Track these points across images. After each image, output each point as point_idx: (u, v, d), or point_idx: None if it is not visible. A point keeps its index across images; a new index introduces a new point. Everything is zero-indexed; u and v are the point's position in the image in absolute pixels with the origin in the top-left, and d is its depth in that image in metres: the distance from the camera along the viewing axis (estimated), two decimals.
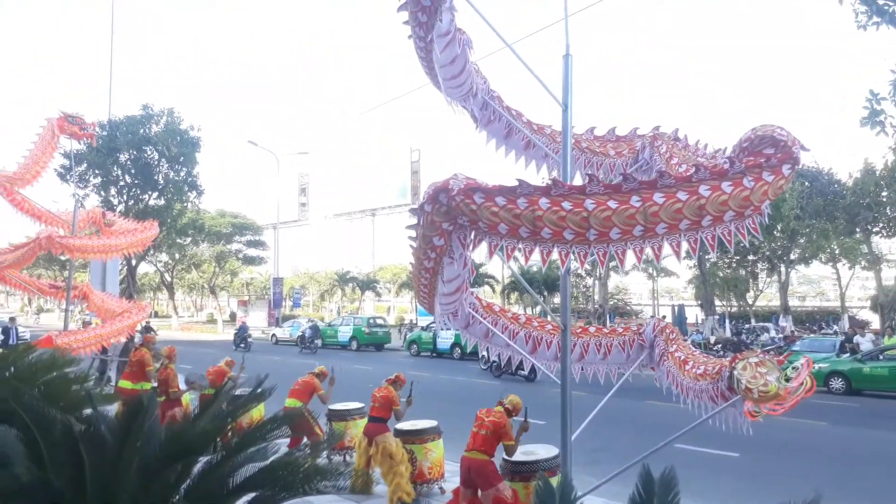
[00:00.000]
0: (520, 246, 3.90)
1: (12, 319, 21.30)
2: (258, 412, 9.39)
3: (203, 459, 2.58)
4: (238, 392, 2.86)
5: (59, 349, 8.50)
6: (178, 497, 2.20)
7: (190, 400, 10.14)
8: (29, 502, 1.97)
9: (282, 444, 3.07)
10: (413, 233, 4.35)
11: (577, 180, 5.63)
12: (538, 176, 6.22)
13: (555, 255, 3.91)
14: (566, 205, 3.66)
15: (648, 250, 3.82)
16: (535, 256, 4.05)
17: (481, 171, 3.98)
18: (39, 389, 3.67)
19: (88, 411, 3.14)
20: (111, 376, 14.60)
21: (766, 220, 3.91)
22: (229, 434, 2.56)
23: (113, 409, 4.30)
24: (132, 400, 2.31)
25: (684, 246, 3.79)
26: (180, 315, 64.79)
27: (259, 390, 2.77)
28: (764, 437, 11.12)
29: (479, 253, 4.32)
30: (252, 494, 2.31)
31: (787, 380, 3.89)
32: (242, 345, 31.21)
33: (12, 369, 3.95)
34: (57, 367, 3.93)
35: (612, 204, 3.64)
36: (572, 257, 3.83)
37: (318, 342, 32.35)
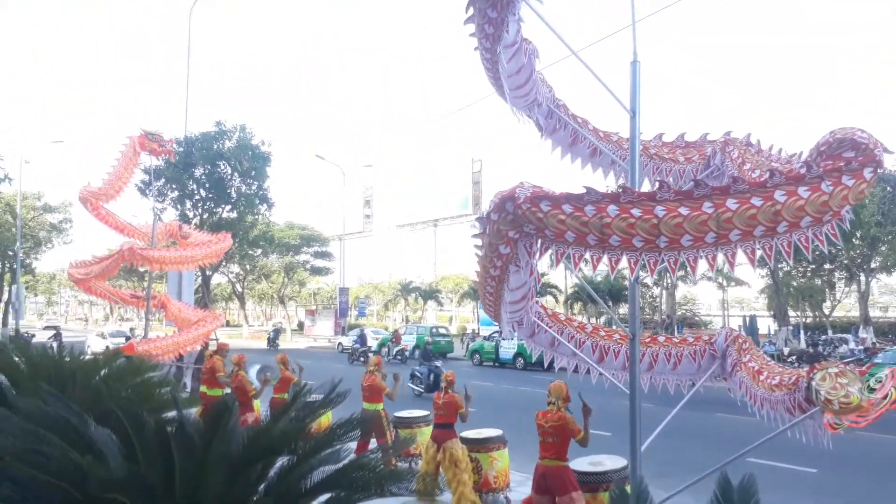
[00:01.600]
0: (587, 254, 3.88)
1: (132, 330, 22.10)
2: (326, 418, 9.58)
3: (280, 462, 2.69)
4: (311, 398, 2.95)
5: (139, 356, 8.91)
6: (258, 496, 2.29)
7: (260, 409, 10.47)
8: (124, 495, 2.09)
9: (351, 448, 3.15)
10: (479, 241, 4.38)
11: (646, 187, 5.56)
12: (605, 183, 6.17)
13: (623, 264, 3.88)
14: (635, 212, 3.63)
15: (721, 258, 3.74)
16: (601, 266, 4.02)
17: (543, 181, 3.96)
18: (129, 392, 3.89)
19: (172, 413, 3.30)
20: (186, 382, 15.18)
21: (847, 226, 3.77)
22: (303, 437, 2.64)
23: (192, 412, 4.50)
24: (217, 402, 2.43)
25: (759, 253, 3.69)
26: (250, 324, 66.72)
27: (333, 395, 2.85)
28: (844, 453, 10.60)
29: (543, 262, 4.33)
30: (328, 495, 2.39)
31: (871, 391, 3.72)
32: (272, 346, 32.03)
33: (104, 372, 4.20)
34: (143, 372, 4.15)
35: (684, 210, 3.58)
36: (642, 265, 3.78)
37: (371, 351, 32.18)
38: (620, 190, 3.75)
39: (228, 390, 9.70)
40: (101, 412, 3.00)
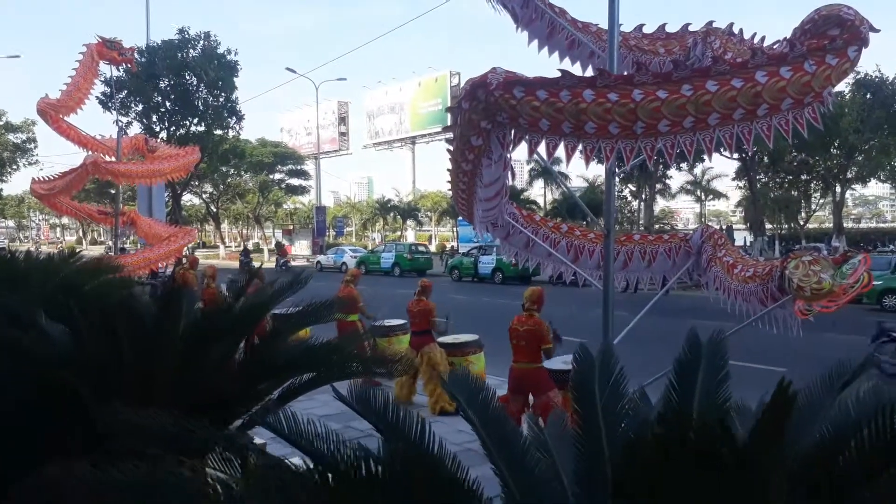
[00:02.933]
0: (562, 143, 3.74)
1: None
2: (305, 332, 9.58)
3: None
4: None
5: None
6: (215, 376, 2.22)
7: None
8: (70, 372, 2.01)
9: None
10: (450, 135, 4.21)
11: None
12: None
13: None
14: (612, 96, 3.47)
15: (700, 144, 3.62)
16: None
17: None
18: (86, 293, 3.76)
19: None
20: None
21: (830, 109, 3.65)
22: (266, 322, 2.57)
23: None
24: (170, 287, 2.32)
25: (737, 138, 3.58)
26: (227, 245, 66.38)
27: (299, 282, 2.75)
28: (813, 353, 10.92)
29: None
30: (293, 379, 2.33)
31: (844, 277, 3.71)
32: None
33: (62, 274, 4.05)
34: (101, 274, 4.01)
35: (662, 94, 3.42)
36: (617, 153, 3.66)
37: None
38: (597, 74, 3.58)
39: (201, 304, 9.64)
40: (56, 310, 2.89)
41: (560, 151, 3.81)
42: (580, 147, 3.76)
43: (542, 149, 3.84)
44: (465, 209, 5.07)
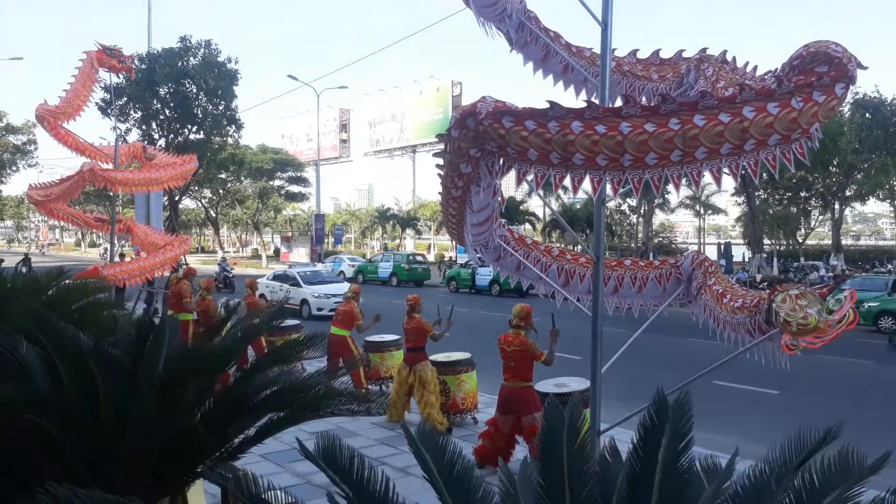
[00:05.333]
0: (550, 173, 3.74)
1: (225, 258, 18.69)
2: None
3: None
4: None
5: (104, 280, 8.74)
6: (190, 417, 2.21)
7: None
8: (43, 417, 1.99)
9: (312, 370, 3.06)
10: (441, 160, 4.21)
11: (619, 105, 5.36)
12: (577, 101, 5.96)
13: (587, 185, 3.75)
14: (600, 128, 3.47)
15: (687, 177, 3.62)
16: (579, 193, 3.90)
17: (525, 103, 3.75)
18: (72, 314, 3.75)
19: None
20: (158, 308, 15.08)
21: (816, 146, 3.66)
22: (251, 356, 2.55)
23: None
24: (145, 322, 2.31)
25: (725, 172, 3.58)
26: (226, 250, 66.34)
27: (279, 316, 2.74)
28: (807, 375, 10.92)
29: (521, 190, 4.20)
30: (271, 415, 2.31)
31: (830, 312, 3.71)
32: (223, 286, 25.05)
33: (50, 293, 4.04)
34: (89, 294, 4.00)
35: (649, 127, 3.43)
36: (604, 185, 3.66)
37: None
38: (585, 106, 3.58)
39: (195, 315, 9.61)
40: (38, 336, 2.88)
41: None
42: (568, 177, 3.76)
43: (531, 177, 3.84)
44: (456, 233, 5.07)
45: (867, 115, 26.86)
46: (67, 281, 4.21)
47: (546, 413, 1.84)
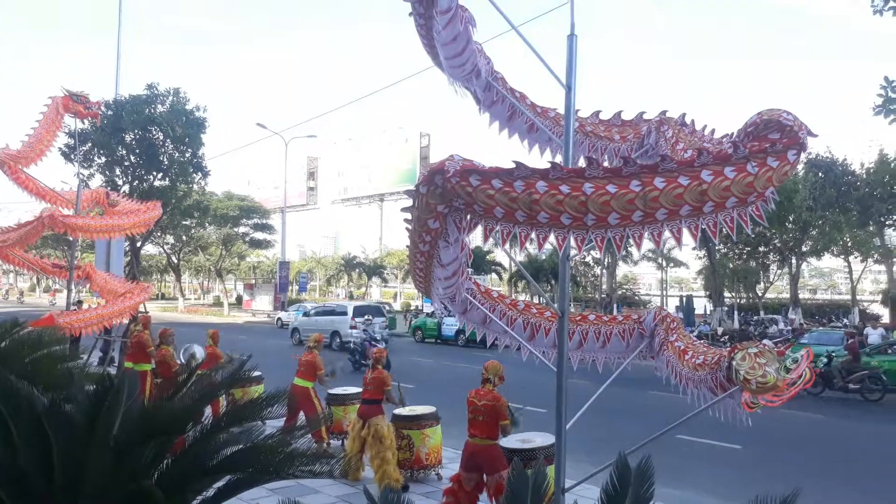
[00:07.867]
0: (516, 230, 3.81)
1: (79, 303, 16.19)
2: (258, 392, 9.36)
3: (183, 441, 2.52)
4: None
5: (59, 328, 8.49)
6: (147, 481, 2.13)
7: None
8: None
9: (273, 426, 3.00)
10: (409, 215, 4.25)
11: (582, 165, 5.50)
12: (542, 160, 6.10)
13: (552, 241, 3.82)
14: (564, 188, 3.56)
15: (648, 237, 3.72)
16: (546, 245, 3.96)
17: (491, 157, 3.88)
18: (26, 367, 3.63)
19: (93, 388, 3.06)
20: (114, 357, 14.65)
21: (772, 208, 3.79)
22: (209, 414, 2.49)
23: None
24: (101, 380, 2.25)
25: (685, 233, 3.68)
26: (186, 297, 65.07)
27: (240, 373, 2.69)
28: (769, 430, 11.04)
29: (486, 240, 4.24)
30: (227, 477, 2.25)
31: (787, 371, 3.79)
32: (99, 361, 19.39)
33: (2, 344, 3.92)
34: (44, 346, 3.88)
35: (611, 188, 3.53)
36: (570, 242, 3.73)
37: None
38: (550, 166, 3.68)
39: (153, 364, 9.37)
40: None
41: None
42: (534, 234, 3.83)
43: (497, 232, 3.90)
44: (423, 286, 5.08)
45: (820, 174, 27.97)
46: (21, 332, 4.09)
47: (511, 474, 1.83)
